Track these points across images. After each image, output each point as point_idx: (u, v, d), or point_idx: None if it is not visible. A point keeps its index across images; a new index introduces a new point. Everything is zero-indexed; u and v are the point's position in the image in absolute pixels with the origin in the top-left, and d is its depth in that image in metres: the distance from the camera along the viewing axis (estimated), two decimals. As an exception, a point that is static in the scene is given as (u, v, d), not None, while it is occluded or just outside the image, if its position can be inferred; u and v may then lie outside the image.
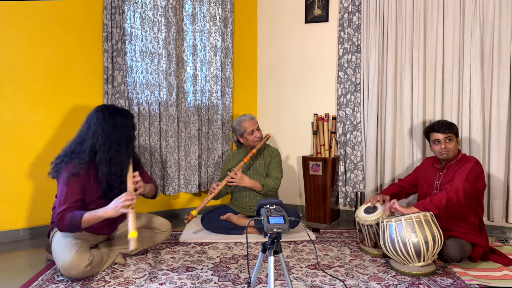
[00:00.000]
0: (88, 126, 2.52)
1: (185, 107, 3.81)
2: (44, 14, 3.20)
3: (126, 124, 2.56)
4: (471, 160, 2.76)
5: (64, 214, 2.34)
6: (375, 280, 2.43)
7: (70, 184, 2.40)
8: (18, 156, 3.16)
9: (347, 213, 3.90)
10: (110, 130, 2.47)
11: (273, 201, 1.85)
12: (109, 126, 2.48)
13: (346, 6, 3.73)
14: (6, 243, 3.10)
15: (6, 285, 2.39)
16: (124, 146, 2.53)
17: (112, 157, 2.47)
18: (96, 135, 2.47)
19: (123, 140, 2.52)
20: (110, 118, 2.49)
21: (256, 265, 1.91)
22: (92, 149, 2.47)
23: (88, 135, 2.49)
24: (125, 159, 2.55)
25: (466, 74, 3.31)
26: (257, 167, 3.45)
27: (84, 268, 2.34)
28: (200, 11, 3.84)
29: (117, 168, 2.50)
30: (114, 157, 2.48)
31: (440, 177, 2.85)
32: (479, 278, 2.43)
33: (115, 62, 3.42)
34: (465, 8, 3.29)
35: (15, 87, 3.13)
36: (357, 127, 3.73)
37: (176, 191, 3.77)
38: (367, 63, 3.66)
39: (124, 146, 2.52)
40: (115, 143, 2.48)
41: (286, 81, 4.13)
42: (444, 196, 2.56)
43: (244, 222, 3.26)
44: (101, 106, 2.60)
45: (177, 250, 2.94)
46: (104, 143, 2.45)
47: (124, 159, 2.53)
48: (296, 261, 2.74)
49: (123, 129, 2.53)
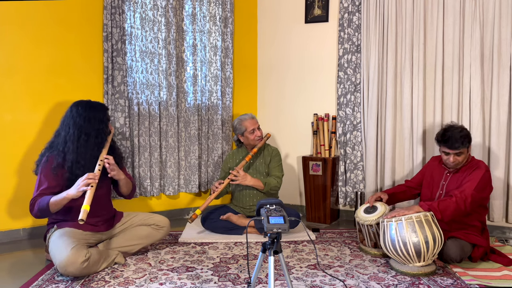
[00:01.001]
0: (63, 120, 2.68)
1: (185, 107, 3.81)
2: (44, 14, 3.20)
3: (98, 116, 2.66)
4: (481, 167, 2.69)
5: (34, 201, 2.48)
6: (375, 280, 2.43)
7: (44, 173, 2.55)
8: (18, 156, 3.16)
9: (347, 213, 3.90)
10: (81, 122, 2.59)
11: (273, 201, 1.85)
12: (80, 118, 2.60)
13: (346, 6, 3.73)
14: (6, 243, 3.10)
15: (6, 285, 2.39)
16: (94, 137, 2.61)
17: (79, 146, 2.57)
18: (67, 127, 2.60)
19: (92, 131, 2.61)
20: (83, 111, 2.62)
21: (256, 265, 1.91)
22: (64, 139, 2.59)
23: (62, 128, 2.64)
24: (94, 150, 2.62)
25: (466, 74, 3.31)
26: (258, 166, 3.46)
27: (81, 265, 2.34)
28: (200, 11, 3.84)
29: (84, 158, 2.58)
30: (81, 147, 2.57)
31: (448, 177, 2.81)
32: (479, 278, 2.43)
33: (115, 62, 3.42)
34: (465, 8, 3.29)
35: (15, 87, 3.13)
36: (357, 127, 3.73)
37: (176, 191, 3.77)
38: (367, 63, 3.66)
39: (93, 137, 2.61)
40: (84, 133, 2.58)
41: (286, 81, 4.13)
42: (453, 204, 2.53)
43: (244, 222, 3.26)
44: (77, 101, 2.71)
45: (177, 250, 2.94)
46: (73, 133, 2.58)
47: (92, 150, 2.61)
48: (296, 261, 2.74)
49: (94, 121, 2.63)
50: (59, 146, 2.60)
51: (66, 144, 2.58)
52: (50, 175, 2.54)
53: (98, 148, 2.63)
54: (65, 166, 2.56)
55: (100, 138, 2.64)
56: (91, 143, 2.60)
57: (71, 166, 2.55)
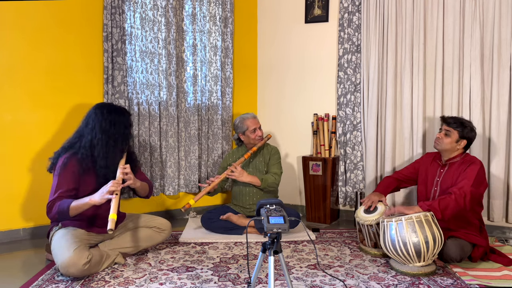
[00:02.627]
0: (86, 122, 2.63)
1: (185, 107, 3.81)
2: (44, 14, 3.20)
3: (123, 121, 2.66)
4: (476, 162, 2.71)
5: (53, 203, 2.44)
6: (375, 280, 2.43)
7: (63, 175, 2.50)
8: (18, 156, 3.16)
9: (347, 213, 3.90)
10: (108, 126, 2.57)
11: (273, 201, 1.85)
12: (106, 122, 2.58)
13: (346, 6, 3.73)
14: (6, 243, 3.10)
15: (6, 285, 2.39)
16: (120, 142, 2.62)
17: (108, 151, 2.56)
18: (94, 131, 2.57)
19: (119, 136, 2.61)
20: (108, 115, 2.60)
21: (256, 265, 1.91)
22: (91, 143, 2.56)
23: (86, 131, 2.60)
24: (119, 155, 2.63)
25: (466, 74, 3.31)
26: (257, 164, 3.47)
27: (83, 267, 2.34)
28: (200, 11, 3.84)
29: (113, 162, 2.58)
30: (111, 152, 2.57)
31: (441, 174, 2.83)
32: (479, 278, 2.43)
33: (115, 62, 3.42)
34: (465, 8, 3.29)
35: (15, 87, 3.13)
36: (357, 127, 3.73)
37: (176, 191, 3.77)
38: (367, 63, 3.66)
39: (120, 142, 2.61)
40: (112, 139, 2.58)
41: (286, 81, 4.13)
42: (452, 202, 2.54)
43: (244, 222, 3.26)
44: (100, 103, 2.71)
45: (177, 250, 2.94)
46: (101, 138, 2.55)
47: (118, 156, 2.62)
48: (296, 261, 2.74)
49: (120, 126, 2.63)
50: (85, 150, 2.55)
51: (95, 148, 2.54)
52: (69, 178, 2.50)
53: (122, 154, 2.64)
54: (98, 171, 2.55)
55: (125, 143, 2.65)
56: (118, 149, 2.60)
57: (103, 171, 2.54)
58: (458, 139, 2.77)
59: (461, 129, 2.75)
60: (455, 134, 2.76)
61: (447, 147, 2.79)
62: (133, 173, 2.72)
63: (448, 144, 2.78)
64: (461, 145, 2.78)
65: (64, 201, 2.42)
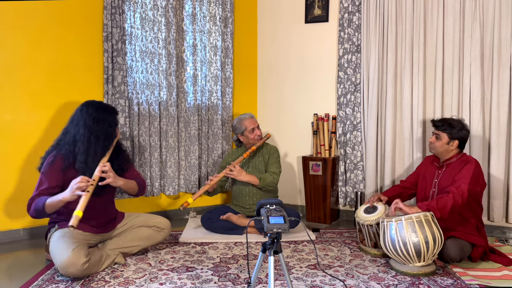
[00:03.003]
0: (72, 119, 2.66)
1: (185, 107, 3.81)
2: (44, 14, 3.20)
3: (108, 119, 2.66)
4: (472, 161, 2.74)
5: (32, 201, 2.46)
6: (375, 280, 2.43)
7: (46, 173, 2.54)
8: (18, 155, 3.16)
9: (347, 213, 3.90)
10: (91, 123, 2.58)
11: (273, 201, 1.85)
12: (90, 119, 2.59)
13: (346, 6, 3.73)
14: (6, 243, 3.10)
15: (6, 285, 2.39)
16: (103, 139, 2.60)
17: (89, 148, 2.56)
18: (78, 127, 2.59)
19: (102, 133, 2.60)
20: (93, 112, 2.61)
21: (256, 265, 1.91)
22: (74, 139, 2.58)
23: (71, 127, 2.63)
24: (102, 152, 2.61)
25: (466, 74, 3.31)
26: (256, 164, 3.47)
27: (82, 266, 2.34)
28: (200, 11, 3.84)
29: (93, 159, 2.56)
30: (92, 148, 2.56)
31: (439, 175, 2.85)
32: (479, 278, 2.43)
33: (115, 62, 3.42)
34: (465, 8, 3.29)
35: (15, 87, 3.13)
36: (357, 127, 3.73)
37: (176, 191, 3.77)
38: (367, 63, 3.66)
39: (102, 139, 2.60)
40: (94, 135, 2.58)
41: (286, 81, 4.13)
42: (450, 200, 2.55)
43: (244, 222, 3.26)
44: (88, 101, 2.70)
45: (177, 250, 2.94)
46: (83, 134, 2.56)
47: (101, 152, 2.60)
48: (296, 261, 2.74)
49: (104, 123, 2.62)
50: (68, 146, 2.58)
51: (76, 144, 2.56)
52: (52, 176, 2.52)
53: (104, 151, 2.62)
54: (76, 166, 2.54)
55: (107, 141, 2.64)
56: (100, 146, 2.59)
57: (82, 167, 2.53)
58: (449, 141, 2.79)
59: (450, 130, 2.78)
60: (445, 136, 2.79)
61: (440, 150, 2.82)
62: (123, 171, 2.72)
63: (440, 147, 2.81)
64: (454, 145, 2.80)
65: (40, 198, 2.43)
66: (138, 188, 2.85)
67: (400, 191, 3.07)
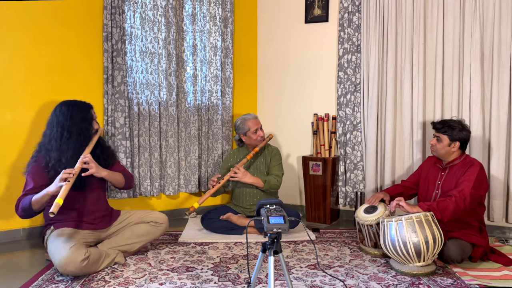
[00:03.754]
0: (48, 120, 2.70)
1: (185, 107, 3.81)
2: (44, 14, 3.20)
3: (80, 114, 2.66)
4: (476, 164, 2.71)
5: (18, 201, 2.52)
6: (375, 280, 2.43)
7: (30, 174, 2.58)
8: (18, 156, 3.16)
9: (347, 213, 3.90)
10: (63, 119, 2.61)
11: (273, 201, 1.85)
12: (62, 116, 2.62)
13: (346, 6, 3.73)
14: (6, 243, 3.10)
15: (6, 285, 2.39)
16: (76, 135, 2.61)
17: (61, 144, 2.58)
18: (52, 125, 2.63)
19: (75, 129, 2.61)
20: (65, 109, 2.64)
21: (256, 265, 1.91)
22: (49, 138, 2.62)
23: (48, 128, 2.67)
24: (77, 148, 2.61)
25: (466, 74, 3.31)
26: (258, 165, 3.47)
27: (81, 263, 2.33)
28: (200, 11, 3.84)
29: (66, 156, 2.57)
30: (64, 144, 2.58)
31: (442, 177, 2.84)
32: (479, 278, 2.43)
33: (115, 62, 3.42)
34: (465, 8, 3.29)
35: (15, 87, 3.13)
36: (357, 127, 3.73)
37: (176, 191, 3.77)
38: (367, 63, 3.66)
39: (76, 135, 2.61)
40: (67, 131, 2.60)
41: (286, 81, 4.13)
42: (452, 204, 2.54)
43: (244, 222, 3.26)
44: (62, 101, 2.73)
45: (177, 250, 2.94)
46: (57, 131, 2.60)
47: (75, 148, 2.60)
48: (296, 261, 2.74)
49: (75, 119, 2.63)
50: (45, 146, 2.62)
51: (50, 142, 2.60)
52: (36, 175, 2.55)
53: (81, 146, 2.63)
54: (50, 164, 2.56)
55: (83, 136, 2.64)
56: (73, 141, 2.60)
57: (54, 164, 2.55)
58: (450, 143, 2.77)
59: (450, 132, 2.76)
60: (445, 138, 2.77)
61: (441, 152, 2.81)
62: (108, 165, 2.74)
63: (441, 149, 2.80)
64: (456, 147, 2.78)
65: (26, 197, 2.47)
66: (125, 180, 2.85)
67: (401, 191, 3.06)
